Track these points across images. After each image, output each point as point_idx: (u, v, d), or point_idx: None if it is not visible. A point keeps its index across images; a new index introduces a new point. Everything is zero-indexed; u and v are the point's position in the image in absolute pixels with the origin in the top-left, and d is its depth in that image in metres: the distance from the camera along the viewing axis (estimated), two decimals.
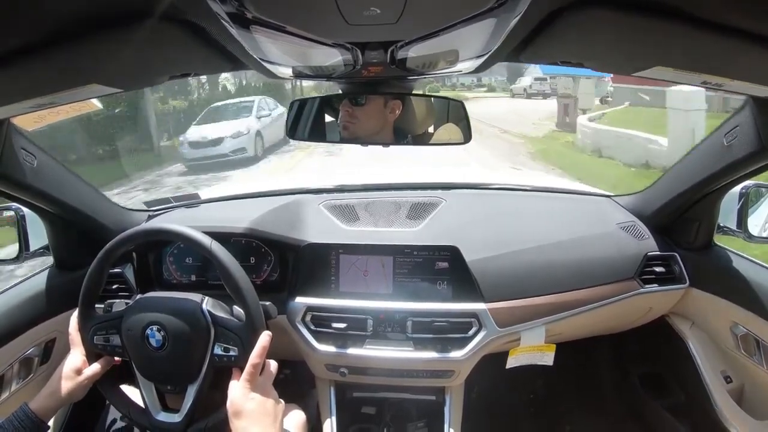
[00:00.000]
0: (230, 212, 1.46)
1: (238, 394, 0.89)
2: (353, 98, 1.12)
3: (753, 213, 1.25)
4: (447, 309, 1.25)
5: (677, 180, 1.27)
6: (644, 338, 1.59)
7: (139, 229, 1.05)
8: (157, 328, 0.97)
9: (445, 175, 2.10)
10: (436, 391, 1.35)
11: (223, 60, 0.84)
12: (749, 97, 0.95)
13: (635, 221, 1.40)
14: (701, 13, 0.55)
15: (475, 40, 0.76)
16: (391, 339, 1.25)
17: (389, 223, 1.37)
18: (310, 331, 1.27)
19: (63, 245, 1.31)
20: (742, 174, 1.09)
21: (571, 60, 0.82)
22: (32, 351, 1.24)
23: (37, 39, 0.57)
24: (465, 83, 27.01)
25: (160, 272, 1.40)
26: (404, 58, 0.82)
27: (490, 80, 27.27)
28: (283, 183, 1.85)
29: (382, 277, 1.30)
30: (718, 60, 0.67)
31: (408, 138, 1.17)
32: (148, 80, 0.90)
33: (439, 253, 1.29)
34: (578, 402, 1.84)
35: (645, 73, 0.76)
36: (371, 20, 0.60)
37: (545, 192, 1.65)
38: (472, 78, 24.55)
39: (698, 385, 1.35)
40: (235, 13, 0.58)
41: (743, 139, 0.99)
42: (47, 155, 1.11)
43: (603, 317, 1.32)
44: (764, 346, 1.18)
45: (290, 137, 1.18)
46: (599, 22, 0.61)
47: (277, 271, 1.37)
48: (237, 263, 0.99)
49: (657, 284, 1.32)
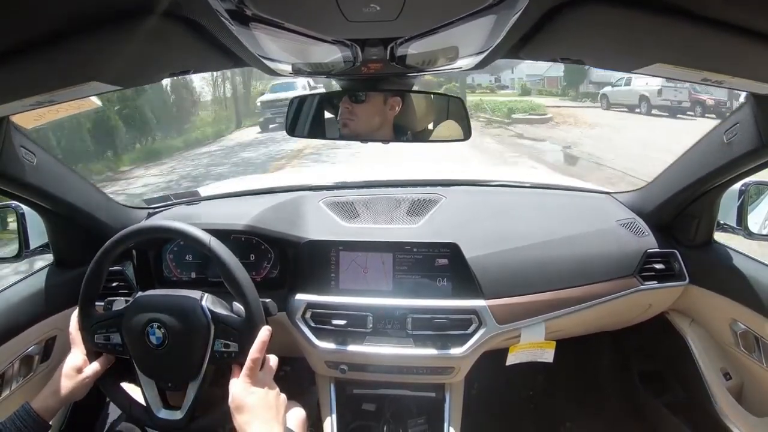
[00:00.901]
0: (230, 209, 1.46)
1: (239, 389, 0.89)
2: (353, 95, 1.12)
3: (753, 210, 1.25)
4: (447, 306, 1.25)
5: (677, 177, 1.27)
6: (644, 335, 1.60)
7: (139, 226, 1.06)
8: (157, 325, 0.97)
9: (445, 172, 2.10)
10: (436, 387, 1.36)
11: (222, 57, 0.84)
12: (749, 94, 0.95)
13: (635, 218, 1.40)
14: (702, 10, 0.55)
15: (475, 36, 0.75)
16: (391, 336, 1.25)
17: (389, 220, 1.37)
18: (310, 328, 1.27)
19: (63, 243, 1.31)
20: (742, 171, 1.09)
21: (571, 57, 0.82)
22: (32, 349, 1.24)
23: (37, 37, 0.57)
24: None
25: (160, 269, 1.41)
26: (404, 55, 0.82)
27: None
28: (283, 180, 1.85)
29: (382, 274, 1.30)
30: (718, 57, 0.67)
31: (408, 135, 1.17)
32: (148, 77, 0.90)
33: (439, 249, 1.29)
34: (578, 398, 1.84)
35: (645, 70, 0.76)
36: (371, 17, 0.60)
37: (545, 189, 1.65)
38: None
39: (698, 382, 1.35)
40: (234, 10, 0.58)
41: (743, 136, 0.99)
42: (47, 153, 1.11)
43: (603, 314, 1.32)
44: (764, 343, 1.18)
45: (290, 134, 1.18)
46: (599, 18, 0.61)
47: (277, 268, 1.37)
48: (236, 260, 1.00)
49: (657, 281, 1.32)
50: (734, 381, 1.33)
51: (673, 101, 11.57)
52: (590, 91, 17.20)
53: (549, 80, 20.77)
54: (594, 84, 17.03)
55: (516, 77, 21.58)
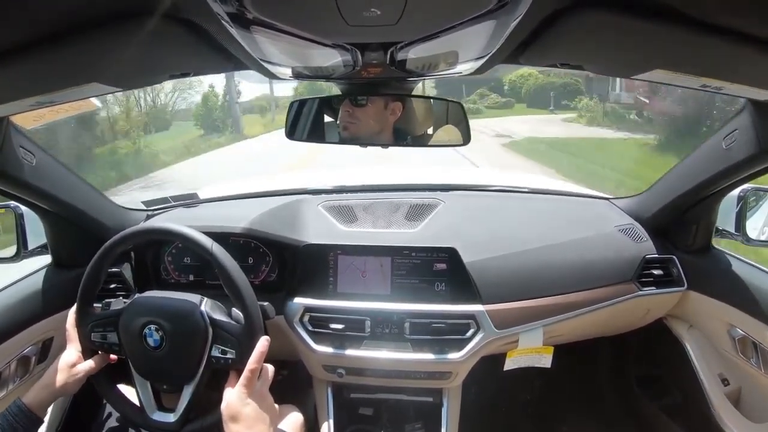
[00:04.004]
0: (229, 212, 1.46)
1: (234, 399, 0.89)
2: (354, 99, 1.12)
3: (751, 216, 1.25)
4: (445, 310, 1.25)
5: (676, 183, 1.27)
6: (642, 340, 1.60)
7: (142, 227, 1.06)
8: (155, 327, 0.97)
9: (443, 176, 2.10)
10: (433, 392, 1.35)
11: (222, 60, 0.84)
12: (748, 101, 0.96)
13: (633, 224, 1.40)
14: (701, 16, 0.55)
15: (475, 41, 0.76)
16: (388, 340, 1.25)
17: (388, 224, 1.37)
18: (308, 332, 1.27)
19: (61, 244, 1.31)
20: (741, 177, 1.09)
21: (571, 62, 0.82)
22: (30, 350, 1.23)
23: (37, 37, 0.57)
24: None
25: (158, 271, 1.40)
26: (404, 59, 0.83)
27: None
28: (282, 183, 1.85)
29: (381, 278, 1.30)
30: (717, 63, 0.67)
31: (407, 139, 1.17)
32: (148, 79, 0.90)
33: (438, 254, 1.29)
34: (576, 404, 1.84)
35: (645, 76, 0.76)
36: (371, 21, 0.60)
37: (544, 194, 1.65)
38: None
39: (696, 387, 1.35)
40: (235, 13, 0.58)
41: (742, 142, 1.00)
42: (46, 154, 1.11)
43: (601, 319, 1.32)
44: (762, 349, 1.18)
45: (289, 138, 1.18)
46: (599, 24, 0.61)
47: (276, 271, 1.37)
48: (237, 266, 0.99)
49: (655, 287, 1.32)
50: (732, 387, 1.33)
51: None
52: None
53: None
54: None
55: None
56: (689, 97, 10.62)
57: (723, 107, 9.11)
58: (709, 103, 9.91)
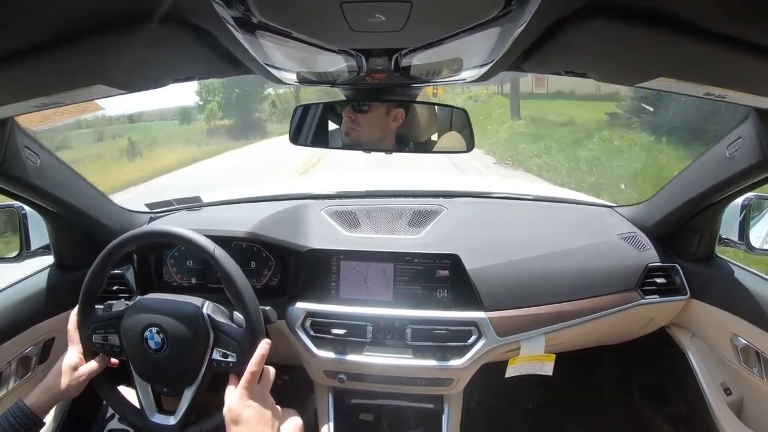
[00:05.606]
0: (232, 216, 1.46)
1: (235, 401, 0.89)
2: (356, 105, 1.12)
3: (755, 225, 1.25)
4: (447, 317, 1.24)
5: (679, 191, 1.27)
6: (644, 349, 1.58)
7: (145, 229, 1.06)
8: (156, 330, 0.97)
9: (447, 183, 2.11)
10: (434, 399, 1.35)
11: (227, 64, 0.84)
12: (752, 109, 0.95)
13: (636, 232, 1.40)
14: (704, 25, 0.55)
15: (479, 48, 0.76)
16: (390, 346, 1.25)
17: (390, 230, 1.37)
18: (310, 337, 1.27)
19: (64, 245, 1.31)
20: (744, 186, 1.09)
21: (575, 70, 0.82)
22: (31, 350, 1.23)
23: (42, 39, 0.58)
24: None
25: (161, 274, 1.40)
26: (408, 65, 0.83)
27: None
28: (285, 188, 1.85)
29: (383, 284, 1.29)
30: (721, 71, 0.68)
31: (410, 145, 1.17)
32: (153, 83, 0.91)
33: (440, 260, 1.28)
34: (577, 412, 1.82)
35: (648, 84, 0.76)
36: (376, 27, 0.60)
37: (547, 201, 1.65)
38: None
39: (698, 396, 1.34)
40: (240, 17, 0.59)
41: (746, 150, 0.99)
42: (51, 155, 1.12)
43: (603, 328, 1.32)
44: (764, 359, 1.17)
45: (293, 143, 1.18)
46: (602, 32, 0.62)
47: (278, 275, 1.37)
48: (240, 270, 1.00)
49: (658, 295, 1.31)
50: (735, 396, 1.32)
51: None
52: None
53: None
54: None
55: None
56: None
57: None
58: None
